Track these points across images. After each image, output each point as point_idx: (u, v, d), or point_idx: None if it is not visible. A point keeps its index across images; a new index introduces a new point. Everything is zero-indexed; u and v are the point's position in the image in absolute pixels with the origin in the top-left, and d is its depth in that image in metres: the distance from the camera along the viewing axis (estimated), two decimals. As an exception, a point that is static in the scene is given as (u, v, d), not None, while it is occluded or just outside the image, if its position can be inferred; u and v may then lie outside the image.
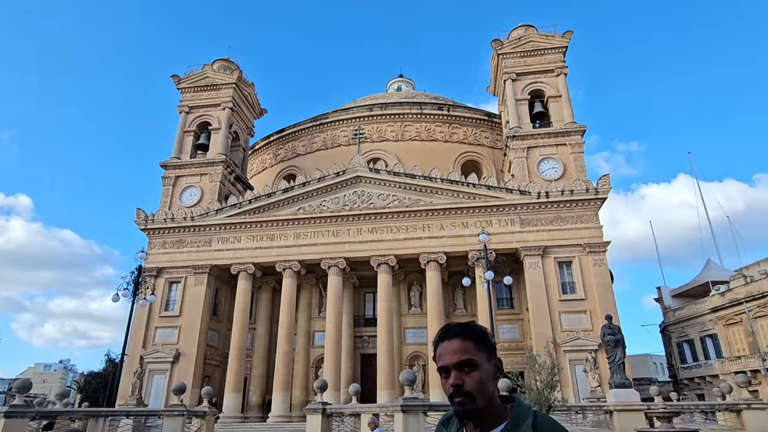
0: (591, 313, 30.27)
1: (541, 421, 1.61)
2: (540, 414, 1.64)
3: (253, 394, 35.47)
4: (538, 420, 1.61)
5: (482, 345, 1.73)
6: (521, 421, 1.60)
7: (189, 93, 43.24)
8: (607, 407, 19.45)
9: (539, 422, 1.60)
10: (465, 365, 1.69)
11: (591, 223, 32.47)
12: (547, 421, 1.63)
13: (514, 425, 1.60)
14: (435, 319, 32.26)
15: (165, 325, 34.84)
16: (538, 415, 1.64)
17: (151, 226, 37.03)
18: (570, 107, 37.05)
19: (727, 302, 36.41)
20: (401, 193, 35.17)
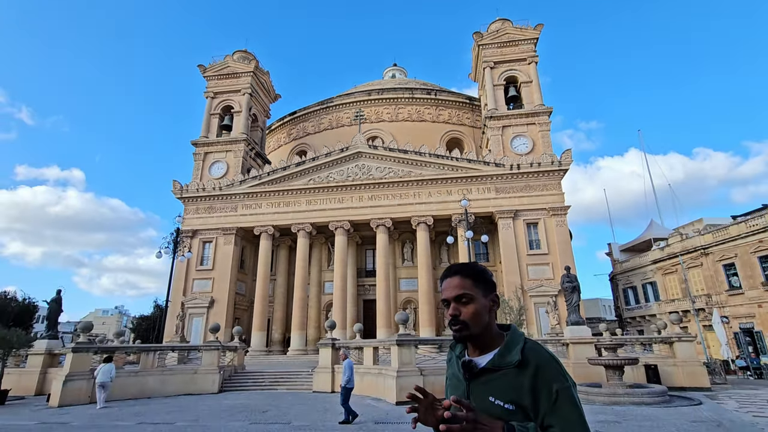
0: (553, 265, 30.66)
1: (530, 346, 1.61)
2: (530, 340, 1.64)
3: (275, 332, 36.25)
4: (527, 345, 1.60)
5: (479, 282, 1.69)
6: (513, 345, 1.60)
7: (213, 80, 42.11)
8: (564, 340, 19.93)
9: (528, 347, 1.60)
10: (462, 298, 1.66)
11: (555, 191, 32.43)
12: (535, 346, 1.62)
13: (506, 349, 1.60)
14: (424, 270, 32.69)
15: (200, 277, 35.18)
16: (528, 341, 1.64)
17: (186, 195, 36.83)
18: (539, 91, 36.31)
19: (665, 255, 36.87)
20: (396, 166, 34.89)
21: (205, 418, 12.57)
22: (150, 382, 18.39)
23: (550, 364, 1.54)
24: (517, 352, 1.56)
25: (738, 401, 14.85)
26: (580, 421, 1.47)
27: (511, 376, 1.54)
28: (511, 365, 1.55)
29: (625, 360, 15.66)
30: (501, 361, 1.58)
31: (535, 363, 1.54)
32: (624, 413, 12.36)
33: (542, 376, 1.51)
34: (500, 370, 1.57)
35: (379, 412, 13.25)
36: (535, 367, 1.53)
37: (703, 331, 32.01)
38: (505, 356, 1.58)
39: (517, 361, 1.55)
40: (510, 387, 1.53)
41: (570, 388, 1.51)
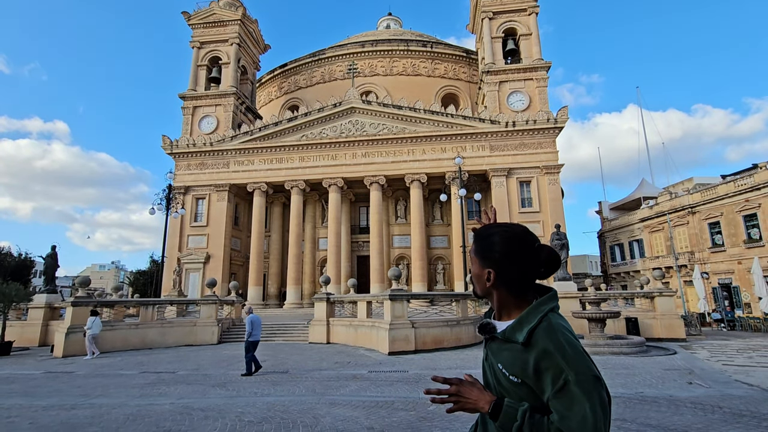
0: (544, 223, 31.07)
1: (543, 327, 1.42)
2: (548, 320, 1.43)
3: (271, 287, 37.01)
4: (541, 326, 1.42)
5: (477, 249, 1.67)
6: (526, 323, 1.45)
7: (199, 29, 39.95)
8: (550, 295, 20.61)
9: (540, 328, 1.42)
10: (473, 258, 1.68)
11: (549, 149, 32.22)
12: (549, 328, 1.41)
13: (518, 324, 1.48)
14: (417, 227, 33.04)
15: (195, 233, 35.27)
16: (544, 320, 1.43)
17: (176, 151, 36.08)
18: (538, 45, 35.05)
19: (653, 214, 37.48)
20: (390, 122, 34.20)
21: (206, 367, 13.10)
22: (150, 334, 18.93)
23: (559, 352, 1.35)
24: (525, 332, 1.43)
25: (710, 351, 15.74)
26: (589, 417, 1.26)
27: (518, 351, 1.44)
28: (517, 342, 1.45)
29: (607, 313, 16.32)
30: (511, 335, 1.49)
31: (542, 347, 1.38)
32: (603, 362, 13.07)
33: (546, 362, 1.36)
34: (510, 342, 1.49)
35: (373, 362, 13.88)
36: (541, 351, 1.38)
37: (684, 287, 33.27)
38: (515, 331, 1.47)
39: (522, 341, 1.43)
40: (516, 361, 1.45)
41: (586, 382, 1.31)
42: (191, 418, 7.18)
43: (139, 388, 9.99)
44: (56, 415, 7.55)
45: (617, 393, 8.84)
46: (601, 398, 1.30)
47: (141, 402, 8.55)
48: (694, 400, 8.17)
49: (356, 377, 11.12)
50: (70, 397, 9.10)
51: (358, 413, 7.37)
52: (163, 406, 8.15)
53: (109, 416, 7.43)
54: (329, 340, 19.27)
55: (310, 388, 9.79)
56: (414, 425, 6.64)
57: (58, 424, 6.98)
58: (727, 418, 6.92)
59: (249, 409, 7.78)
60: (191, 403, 8.28)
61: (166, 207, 24.00)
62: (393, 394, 9.06)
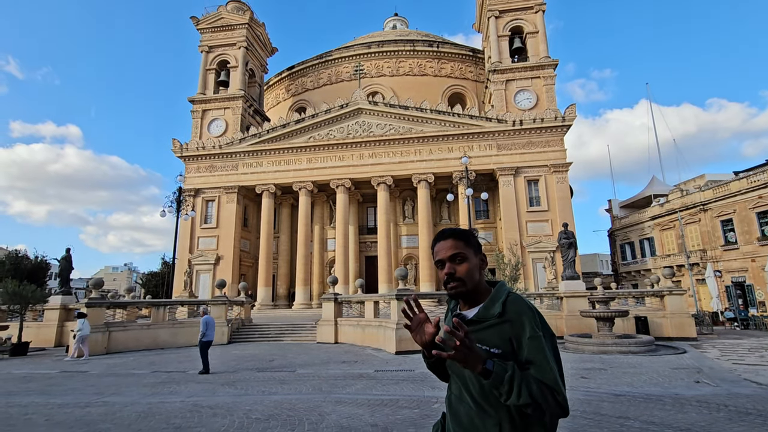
0: (552, 222, 30.90)
1: (511, 299, 1.75)
2: (513, 294, 1.79)
3: (280, 288, 37.34)
4: (509, 298, 1.75)
5: (470, 244, 1.84)
6: (497, 299, 1.75)
7: (207, 33, 40.52)
8: (558, 294, 20.54)
9: (509, 299, 1.74)
10: (456, 257, 1.80)
11: (557, 147, 32.04)
12: (515, 298, 1.76)
13: (490, 302, 1.76)
14: (425, 227, 33.08)
15: (205, 234, 35.75)
16: (510, 294, 1.77)
17: (186, 154, 36.62)
18: (545, 42, 34.86)
19: (664, 212, 36.99)
20: (396, 122, 34.31)
21: (216, 367, 13.33)
22: (162, 335, 19.28)
23: (527, 314, 1.69)
24: (499, 305, 1.73)
25: (720, 350, 15.54)
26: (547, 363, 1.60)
27: (495, 325, 1.71)
28: (493, 317, 1.72)
29: (615, 312, 16.22)
30: (485, 313, 1.74)
31: (513, 313, 1.70)
32: (610, 361, 13.02)
33: (521, 324, 1.67)
34: (485, 321, 1.74)
35: (380, 361, 14.00)
36: (513, 317, 1.69)
37: (696, 285, 32.79)
38: (489, 309, 1.75)
39: (498, 313, 1.71)
40: (495, 334, 1.70)
41: (541, 337, 1.64)
42: (200, 416, 7.36)
43: (150, 387, 10.24)
44: (71, 413, 7.80)
45: (622, 391, 8.84)
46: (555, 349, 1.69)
47: (152, 400, 8.77)
48: (700, 399, 8.14)
49: (362, 376, 11.24)
50: (84, 396, 9.36)
51: (363, 411, 7.49)
52: (174, 404, 8.36)
53: (121, 413, 7.66)
54: (337, 340, 19.43)
55: (316, 386, 9.94)
56: (417, 422, 6.74)
57: (73, 421, 7.22)
58: (732, 417, 6.89)
59: (256, 406, 7.95)
60: (200, 401, 8.48)
61: (177, 209, 24.40)
62: (398, 392, 9.17)
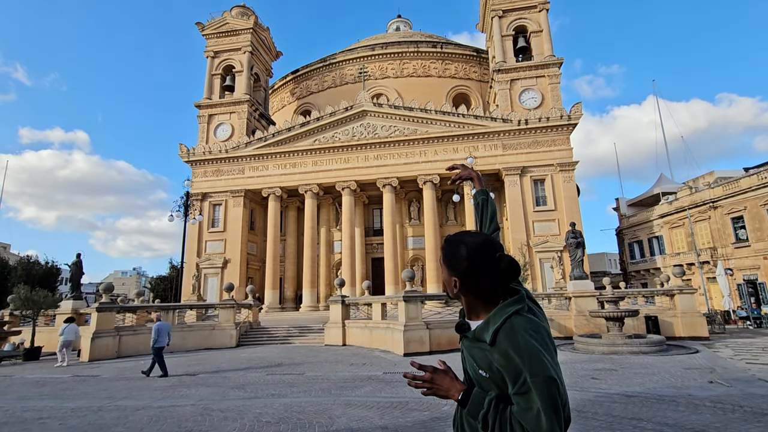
0: (559, 221, 30.71)
1: (506, 328, 1.50)
2: (510, 321, 1.51)
3: (287, 290, 37.44)
4: (504, 327, 1.51)
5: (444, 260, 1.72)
6: (492, 324, 1.55)
7: (213, 39, 40.85)
8: (567, 294, 20.41)
9: (503, 330, 1.51)
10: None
11: (563, 146, 31.85)
12: (511, 330, 1.49)
13: (485, 325, 1.58)
14: (431, 229, 33.03)
15: (213, 238, 35.98)
16: (506, 323, 1.52)
17: (193, 159, 36.92)
18: (550, 41, 34.71)
19: (673, 210, 36.62)
20: (401, 124, 34.33)
21: (225, 370, 13.41)
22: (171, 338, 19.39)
23: (517, 353, 1.43)
24: (491, 333, 1.53)
25: (733, 349, 15.34)
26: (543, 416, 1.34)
27: (485, 350, 1.55)
28: (484, 342, 1.55)
29: (625, 312, 16.07)
30: (480, 335, 1.59)
31: (504, 348, 1.48)
32: (621, 362, 12.90)
33: (511, 362, 1.44)
34: (478, 341, 1.60)
35: (388, 363, 13.98)
36: (503, 352, 1.47)
37: (707, 283, 32.40)
38: (483, 331, 1.58)
39: (488, 341, 1.53)
40: (485, 358, 1.55)
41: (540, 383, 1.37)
42: (211, 419, 7.40)
43: (161, 391, 10.32)
44: (84, 417, 7.88)
45: (634, 392, 8.75)
46: (552, 398, 1.37)
47: (163, 403, 8.84)
48: (714, 399, 8.03)
49: (371, 378, 11.24)
50: (96, 399, 9.46)
51: (373, 413, 7.48)
52: (185, 407, 8.41)
53: (133, 417, 7.72)
54: (345, 342, 19.44)
55: (325, 389, 9.95)
56: (427, 425, 6.73)
57: (86, 425, 7.29)
58: (747, 417, 6.80)
59: (266, 410, 7.98)
60: (211, 405, 8.53)
61: (185, 214, 24.59)
62: (407, 394, 9.15)
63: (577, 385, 9.49)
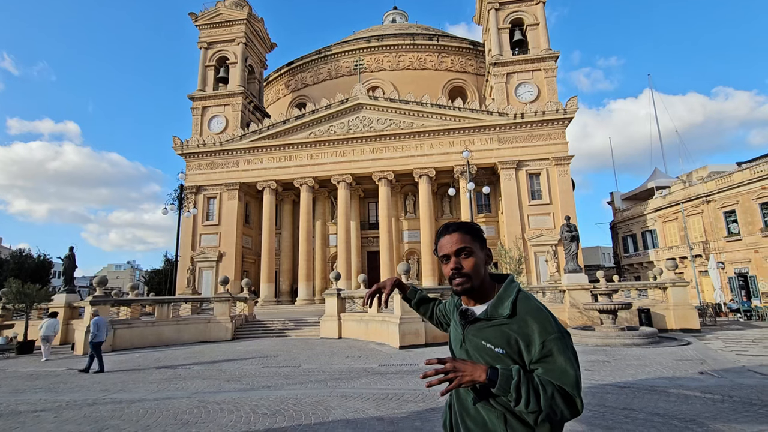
0: (554, 215, 30.87)
1: (521, 298, 1.67)
2: (522, 292, 1.71)
3: (283, 284, 37.45)
4: (519, 297, 1.67)
5: (476, 238, 1.78)
6: (506, 298, 1.68)
7: (206, 29, 40.32)
8: (561, 287, 20.57)
9: (519, 299, 1.67)
10: (462, 252, 1.74)
11: (559, 140, 31.92)
12: (525, 298, 1.68)
13: (498, 301, 1.69)
14: (426, 222, 33.08)
15: (207, 232, 35.82)
16: (520, 293, 1.70)
17: (186, 151, 36.61)
18: (546, 35, 34.63)
19: (667, 204, 36.91)
20: (397, 117, 34.22)
21: (221, 362, 13.43)
22: (166, 332, 19.39)
23: (539, 315, 1.62)
24: (508, 306, 1.66)
25: (724, 341, 15.58)
26: (567, 365, 1.53)
27: (503, 325, 1.65)
28: (502, 317, 1.65)
29: (618, 305, 16.25)
30: (494, 312, 1.68)
31: (524, 314, 1.63)
32: (614, 353, 13.06)
33: (531, 327, 1.59)
34: (493, 319, 1.68)
35: (383, 355, 14.07)
36: (523, 319, 1.62)
37: (698, 276, 32.80)
38: (497, 308, 1.68)
39: (508, 314, 1.65)
40: (501, 334, 1.64)
41: (557, 339, 1.56)
42: (207, 411, 7.43)
43: (156, 383, 10.32)
44: (79, 410, 7.87)
45: (626, 383, 8.88)
46: (573, 350, 1.60)
47: (159, 396, 8.85)
48: (704, 390, 8.17)
49: (367, 371, 11.31)
50: (91, 393, 9.45)
51: (369, 405, 7.54)
52: (181, 400, 8.43)
53: (129, 410, 7.73)
54: (341, 335, 19.53)
55: (321, 381, 10.00)
56: (423, 416, 6.79)
57: (81, 418, 7.29)
58: (736, 407, 6.93)
59: (263, 402, 8.01)
60: (207, 397, 8.55)
61: (179, 207, 24.46)
62: (403, 386, 9.22)
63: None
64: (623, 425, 6.07)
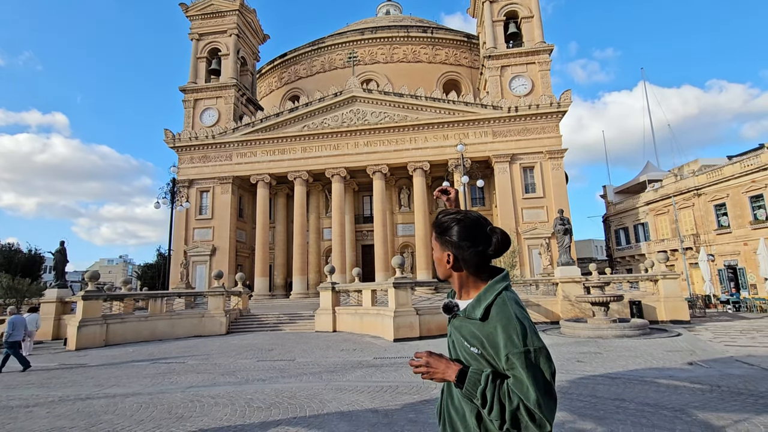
0: (547, 208, 31.06)
1: (498, 303, 1.59)
2: (501, 297, 1.60)
3: (277, 278, 37.41)
4: (496, 302, 1.59)
5: (439, 235, 1.74)
6: (483, 300, 1.62)
7: (197, 20, 39.75)
8: (554, 280, 20.76)
9: (495, 304, 1.59)
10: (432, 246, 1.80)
11: (552, 134, 32.03)
12: (503, 304, 1.58)
13: (477, 302, 1.64)
14: (420, 215, 33.13)
15: (200, 226, 35.62)
16: (499, 297, 1.60)
17: (178, 144, 36.24)
18: (540, 27, 34.58)
19: (659, 197, 37.25)
20: (391, 110, 34.08)
21: (215, 357, 13.42)
22: (160, 326, 19.32)
23: (507, 325, 1.51)
24: (482, 309, 1.59)
25: (713, 332, 15.84)
26: (530, 383, 1.42)
27: (477, 326, 1.61)
28: (476, 318, 1.61)
29: (610, 297, 16.43)
30: (471, 312, 1.64)
31: (495, 322, 1.55)
32: (606, 345, 13.24)
33: (498, 336, 1.52)
34: (469, 318, 1.65)
35: (378, 349, 14.13)
36: (494, 326, 1.54)
37: (689, 269, 33.24)
38: (474, 308, 1.64)
39: (479, 317, 1.60)
40: (475, 335, 1.61)
41: (522, 354, 1.45)
42: (202, 405, 7.43)
43: (150, 378, 10.30)
44: (72, 405, 7.84)
45: (618, 374, 9.00)
46: (541, 367, 1.46)
47: (153, 390, 8.83)
48: (694, 380, 8.32)
49: (362, 364, 11.36)
50: (84, 388, 9.40)
51: (363, 398, 7.58)
52: (175, 394, 8.42)
53: (123, 404, 7.71)
54: (335, 329, 19.57)
55: (316, 374, 10.04)
56: (416, 407, 6.85)
57: (74, 413, 7.26)
58: (724, 397, 7.06)
59: (257, 395, 8.03)
60: (201, 391, 8.55)
61: (171, 201, 24.25)
62: (398, 379, 9.29)
63: (563, 368, 9.72)
64: (614, 415, 6.17)
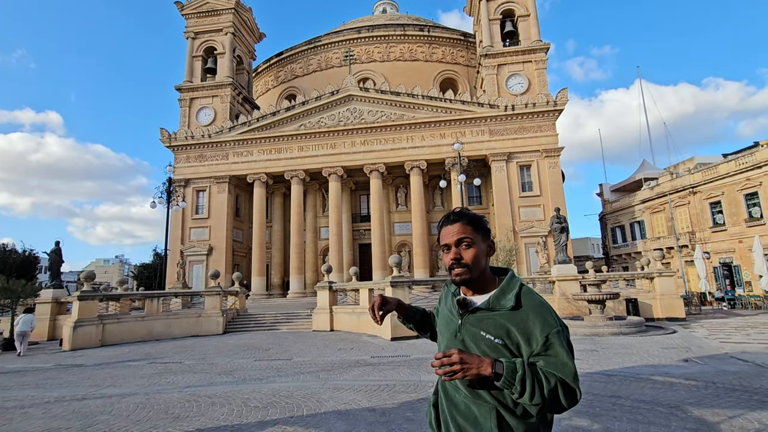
0: (544, 207, 31.14)
1: (525, 291, 1.70)
2: (525, 286, 1.74)
3: (274, 277, 37.35)
4: (522, 291, 1.70)
5: (478, 228, 1.77)
6: (509, 290, 1.70)
7: (193, 19, 39.56)
8: (551, 278, 20.81)
9: (523, 292, 1.69)
10: (463, 242, 1.74)
11: (549, 132, 32.10)
12: (529, 292, 1.71)
13: (501, 293, 1.70)
14: (418, 214, 33.16)
15: (197, 225, 35.50)
16: (523, 287, 1.72)
17: (174, 144, 36.09)
18: (537, 26, 34.62)
19: (654, 195, 37.43)
20: (388, 109, 34.06)
21: (212, 356, 13.39)
22: (157, 326, 19.25)
23: (541, 310, 1.65)
24: (512, 298, 1.68)
25: (708, 329, 15.94)
26: (567, 358, 1.56)
27: (504, 317, 1.66)
28: (505, 308, 1.67)
29: (607, 295, 16.50)
30: (496, 304, 1.69)
31: (527, 309, 1.65)
32: (602, 342, 13.30)
33: (533, 321, 1.61)
34: (494, 311, 1.69)
35: (375, 347, 14.15)
36: (527, 313, 1.64)
37: (685, 266, 33.42)
38: (500, 299, 1.69)
39: (511, 306, 1.66)
40: (501, 326, 1.65)
41: (559, 333, 1.60)
42: (199, 405, 7.42)
43: (147, 378, 10.26)
44: (68, 405, 7.81)
45: (614, 371, 9.05)
46: (570, 343, 1.65)
47: (149, 390, 8.80)
48: (689, 377, 8.37)
49: (359, 362, 11.37)
50: (80, 388, 9.36)
51: (361, 396, 7.59)
52: (171, 394, 8.40)
53: (119, 405, 7.68)
54: (332, 328, 19.57)
55: (313, 373, 10.04)
56: (414, 406, 6.86)
57: (70, 413, 7.23)
58: (719, 393, 7.12)
59: (254, 395, 8.02)
60: (198, 391, 8.53)
61: (167, 200, 24.15)
62: (395, 377, 9.30)
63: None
64: (610, 412, 6.20)
